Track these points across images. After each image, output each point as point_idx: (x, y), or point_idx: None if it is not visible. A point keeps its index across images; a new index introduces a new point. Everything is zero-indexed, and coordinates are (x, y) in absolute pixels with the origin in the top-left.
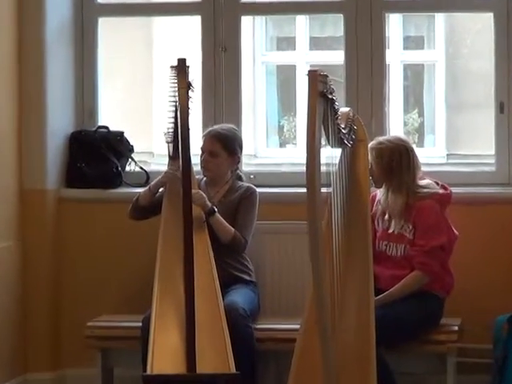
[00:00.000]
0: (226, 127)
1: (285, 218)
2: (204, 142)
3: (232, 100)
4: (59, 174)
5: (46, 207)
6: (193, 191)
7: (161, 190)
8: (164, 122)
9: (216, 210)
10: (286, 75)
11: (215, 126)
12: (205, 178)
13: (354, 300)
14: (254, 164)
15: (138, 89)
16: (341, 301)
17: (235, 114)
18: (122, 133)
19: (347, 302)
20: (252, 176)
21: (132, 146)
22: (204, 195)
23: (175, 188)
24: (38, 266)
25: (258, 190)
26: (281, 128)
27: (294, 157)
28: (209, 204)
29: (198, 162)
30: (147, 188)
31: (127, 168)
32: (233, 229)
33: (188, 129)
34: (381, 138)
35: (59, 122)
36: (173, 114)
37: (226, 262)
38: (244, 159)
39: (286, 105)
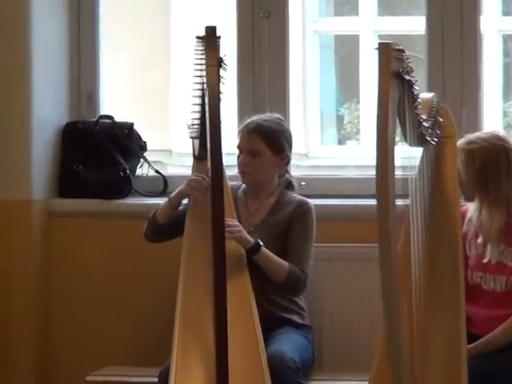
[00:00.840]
0: (270, 118)
1: (347, 239)
2: (241, 137)
3: (276, 82)
4: (48, 179)
5: (31, 224)
6: (228, 221)
7: (184, 201)
8: (187, 110)
9: (261, 244)
10: (346, 49)
11: (255, 117)
12: (243, 186)
13: (440, 349)
14: (304, 167)
15: (152, 67)
16: (423, 351)
17: (281, 101)
18: (131, 124)
19: (431, 352)
20: (303, 183)
21: (144, 143)
22: (241, 229)
23: (202, 200)
24: (21, 300)
25: (311, 201)
26: (340, 119)
27: (358, 157)
28: (250, 240)
29: (233, 163)
30: (166, 201)
31: (138, 171)
32: (286, 263)
33: (219, 120)
34: (472, 136)
35: (48, 110)
36: (199, 101)
37: (269, 300)
38: (292, 160)
39: (347, 88)
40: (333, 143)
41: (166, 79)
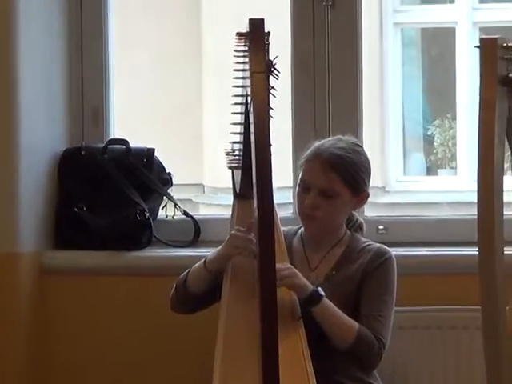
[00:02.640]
0: (347, 145)
1: (438, 300)
2: (310, 170)
3: (345, 93)
4: (42, 226)
5: (20, 282)
6: (279, 266)
7: None
8: (224, 132)
9: (323, 293)
10: (437, 47)
11: (326, 143)
12: (300, 232)
13: None
14: (382, 204)
15: (179, 74)
16: None
17: (350, 118)
18: (151, 151)
19: None
20: (380, 227)
21: (169, 175)
22: (297, 272)
23: (247, 262)
24: (9, 374)
25: (392, 250)
26: (428, 140)
27: (454, 192)
28: (309, 285)
29: (285, 200)
30: (201, 264)
31: (160, 213)
32: (355, 324)
33: (269, 144)
34: None
35: (41, 133)
36: (240, 119)
37: (332, 369)
38: None
39: (438, 100)
40: (420, 173)
41: (197, 91)
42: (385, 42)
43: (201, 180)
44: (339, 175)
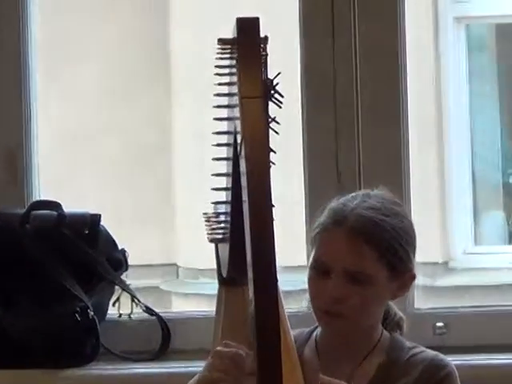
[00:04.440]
0: (378, 201)
1: None
2: (324, 244)
3: (381, 123)
4: None
5: None
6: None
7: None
8: (204, 187)
9: None
10: None
11: (346, 200)
12: (316, 335)
13: None
14: (442, 289)
15: (137, 101)
16: None
17: (390, 161)
18: (96, 218)
19: None
20: (440, 325)
21: (123, 253)
22: None
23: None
24: None
25: (456, 359)
26: (509, 191)
27: None
28: None
29: (294, 287)
30: None
31: (111, 311)
32: None
33: (270, 204)
34: None
35: None
36: (227, 167)
37: None
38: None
39: None
40: (498, 241)
41: (165, 126)
42: (442, 44)
43: (173, 259)
44: (373, 249)
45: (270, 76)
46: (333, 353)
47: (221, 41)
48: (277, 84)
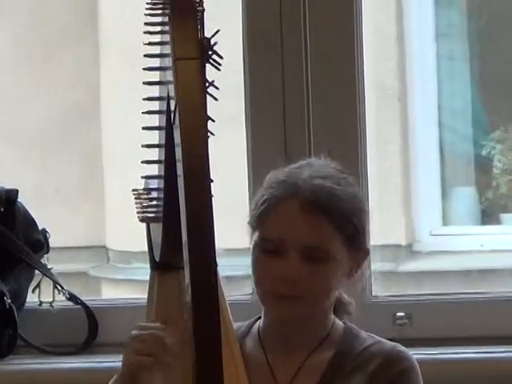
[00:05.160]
0: (328, 170)
1: None
2: (275, 220)
3: (334, 88)
4: None
5: None
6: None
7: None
8: (134, 159)
9: None
10: (496, 8)
11: (293, 170)
12: (258, 326)
13: None
14: (405, 275)
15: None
16: None
17: (346, 129)
18: (12, 194)
19: None
20: (400, 315)
21: (44, 233)
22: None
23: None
24: None
25: (419, 352)
26: (484, 165)
27: None
28: None
29: (236, 272)
30: None
31: (30, 298)
32: None
33: (208, 179)
34: None
35: None
36: (159, 137)
37: None
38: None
39: (499, 97)
40: (469, 220)
41: (92, 87)
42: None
43: (102, 241)
44: (331, 221)
45: (208, 34)
46: (280, 344)
47: None
48: (215, 43)
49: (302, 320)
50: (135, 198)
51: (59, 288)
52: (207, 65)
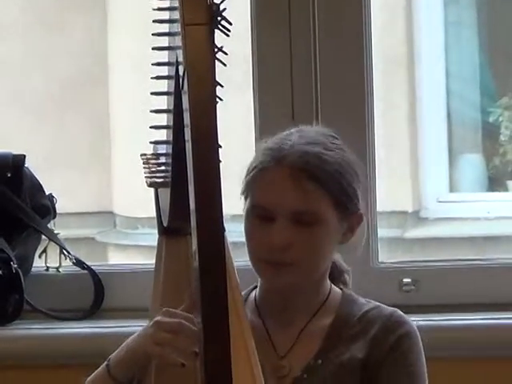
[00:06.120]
0: (318, 136)
1: None
2: (265, 187)
3: (342, 56)
4: None
5: None
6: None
7: None
8: (142, 125)
9: None
10: None
11: (281, 138)
12: (255, 295)
13: None
14: (411, 242)
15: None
16: None
17: (353, 97)
18: (19, 160)
19: None
20: (407, 281)
21: (51, 199)
22: None
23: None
24: None
25: (425, 318)
26: (491, 132)
27: None
28: None
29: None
30: (103, 367)
31: (37, 264)
32: None
33: (217, 144)
34: None
35: None
36: (167, 103)
37: None
38: (382, 228)
39: (507, 65)
40: (476, 187)
41: (100, 55)
42: None
43: (109, 206)
44: (319, 185)
45: (217, 0)
46: (278, 313)
47: None
48: (224, 9)
49: (297, 288)
50: (143, 163)
51: (66, 253)
52: (216, 30)
